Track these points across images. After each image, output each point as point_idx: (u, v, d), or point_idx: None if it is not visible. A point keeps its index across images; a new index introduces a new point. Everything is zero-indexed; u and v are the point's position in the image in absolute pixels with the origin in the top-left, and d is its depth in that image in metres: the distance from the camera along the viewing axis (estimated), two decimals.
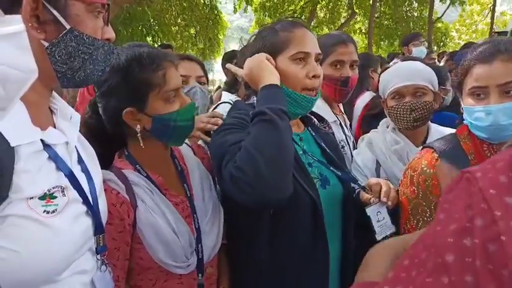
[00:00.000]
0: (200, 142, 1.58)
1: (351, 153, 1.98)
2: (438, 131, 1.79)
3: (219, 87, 8.09)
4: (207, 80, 2.14)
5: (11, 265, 0.75)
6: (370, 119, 2.25)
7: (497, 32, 7.18)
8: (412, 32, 9.53)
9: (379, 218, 1.35)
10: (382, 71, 1.91)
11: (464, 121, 1.37)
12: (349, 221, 1.44)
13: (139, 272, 1.20)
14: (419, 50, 4.29)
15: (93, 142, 1.09)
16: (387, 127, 1.85)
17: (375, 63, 3.16)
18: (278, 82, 1.26)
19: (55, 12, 0.83)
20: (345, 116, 2.21)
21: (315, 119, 1.56)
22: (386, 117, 1.86)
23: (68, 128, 0.95)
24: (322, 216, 1.31)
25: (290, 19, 1.45)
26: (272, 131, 1.14)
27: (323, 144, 1.48)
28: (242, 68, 1.40)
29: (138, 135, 1.20)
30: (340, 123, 2.05)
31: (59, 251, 0.82)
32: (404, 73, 1.73)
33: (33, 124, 0.84)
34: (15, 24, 0.51)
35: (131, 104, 1.18)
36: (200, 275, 1.25)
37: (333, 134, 1.64)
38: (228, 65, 1.45)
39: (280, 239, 1.30)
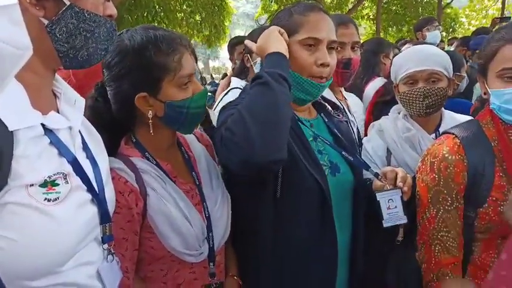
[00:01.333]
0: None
1: (355, 138, 1.95)
2: (452, 118, 1.74)
3: (225, 74, 8.04)
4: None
5: (10, 255, 0.72)
6: (382, 106, 2.20)
7: (500, 18, 7.06)
8: (424, 16, 9.24)
9: (390, 206, 1.29)
10: (394, 56, 1.86)
11: (490, 106, 1.31)
12: (359, 210, 1.40)
13: (150, 262, 1.18)
14: (434, 35, 4.12)
15: (97, 127, 1.06)
16: (398, 113, 1.80)
17: (387, 49, 3.09)
18: (285, 52, 1.23)
19: None
20: (347, 101, 2.17)
21: (329, 107, 1.52)
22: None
23: (71, 113, 0.92)
24: (330, 204, 1.28)
25: (310, 2, 1.40)
26: (266, 93, 1.12)
27: (335, 131, 1.45)
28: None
29: (150, 121, 1.16)
30: (343, 109, 2.02)
31: (61, 241, 0.79)
32: (419, 57, 1.67)
33: (33, 108, 0.80)
34: None
35: (144, 89, 1.14)
36: (212, 263, 1.24)
37: (347, 122, 1.60)
38: (246, 41, 1.42)
39: (285, 226, 1.28)
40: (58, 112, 0.90)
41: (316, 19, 1.31)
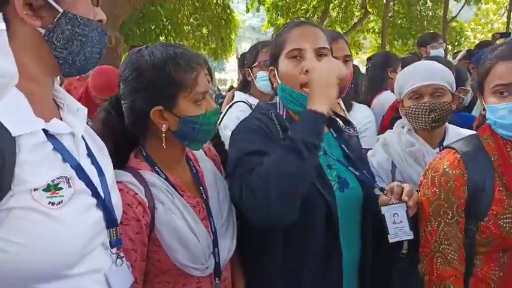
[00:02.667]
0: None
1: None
2: (456, 133, 1.76)
3: (232, 87, 8.13)
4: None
5: (18, 259, 0.74)
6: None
7: (500, 33, 7.14)
8: (429, 31, 9.17)
9: (395, 220, 1.30)
10: None
11: (486, 121, 1.34)
12: (368, 225, 1.41)
13: (157, 274, 1.20)
14: (437, 52, 4.07)
15: (108, 139, 1.09)
16: (402, 128, 1.82)
17: (395, 63, 3.09)
18: (326, 110, 1.21)
19: None
20: (346, 113, 2.22)
21: (340, 121, 1.54)
22: None
23: (74, 121, 0.94)
24: (336, 221, 1.29)
25: (298, 19, 1.47)
26: (295, 163, 1.12)
27: (343, 146, 1.46)
28: None
29: (163, 135, 1.19)
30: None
31: (67, 243, 0.80)
32: (424, 72, 1.70)
33: (36, 116, 0.83)
34: None
35: (160, 103, 1.18)
36: (217, 278, 1.25)
37: (358, 137, 1.62)
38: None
39: (294, 243, 1.29)
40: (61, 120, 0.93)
41: (298, 32, 1.38)
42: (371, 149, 1.93)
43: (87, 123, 1.02)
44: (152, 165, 1.24)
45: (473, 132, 1.63)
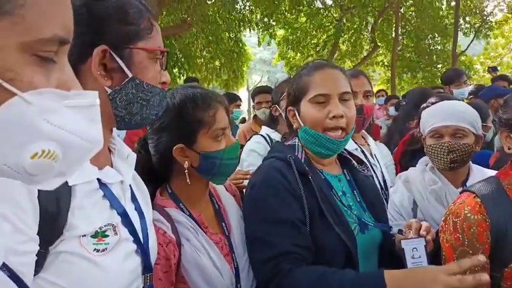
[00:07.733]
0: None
1: (381, 186, 2.00)
2: (480, 173, 1.73)
3: (244, 119, 8.26)
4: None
5: None
6: (411, 155, 2.21)
7: (491, 67, 7.12)
8: (454, 68, 8.70)
9: (414, 255, 1.28)
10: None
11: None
12: (385, 266, 1.38)
13: None
14: (461, 92, 3.81)
15: (140, 176, 1.12)
16: (426, 165, 1.82)
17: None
18: None
19: (120, 62, 0.89)
20: (371, 147, 2.24)
21: (354, 161, 1.54)
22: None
23: (123, 167, 0.99)
24: (357, 264, 1.28)
25: (317, 61, 1.47)
26: None
27: (355, 192, 1.45)
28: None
29: (186, 171, 1.24)
30: (363, 151, 2.09)
31: None
32: (445, 113, 1.71)
33: (91, 163, 0.87)
34: (90, 98, 0.56)
35: (181, 141, 1.24)
36: None
37: (373, 177, 1.62)
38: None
39: None
40: (112, 166, 0.97)
41: (321, 77, 1.38)
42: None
43: None
44: (177, 202, 1.27)
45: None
